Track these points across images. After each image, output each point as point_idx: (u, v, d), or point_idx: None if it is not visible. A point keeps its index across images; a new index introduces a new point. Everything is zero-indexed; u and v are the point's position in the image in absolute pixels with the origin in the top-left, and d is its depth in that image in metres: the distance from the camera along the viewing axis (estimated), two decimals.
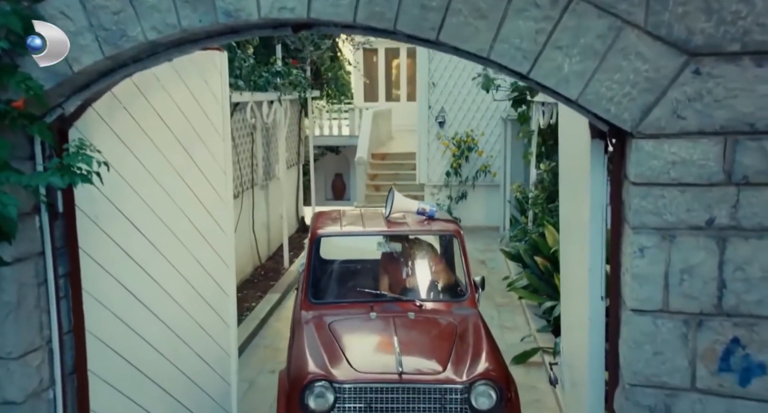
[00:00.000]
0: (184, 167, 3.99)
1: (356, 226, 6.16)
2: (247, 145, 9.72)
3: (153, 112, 3.63)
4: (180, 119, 3.88)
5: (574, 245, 3.18)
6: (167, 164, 3.81)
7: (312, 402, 4.40)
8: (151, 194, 3.69)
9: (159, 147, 3.72)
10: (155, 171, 3.71)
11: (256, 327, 7.86)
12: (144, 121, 3.56)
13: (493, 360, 4.73)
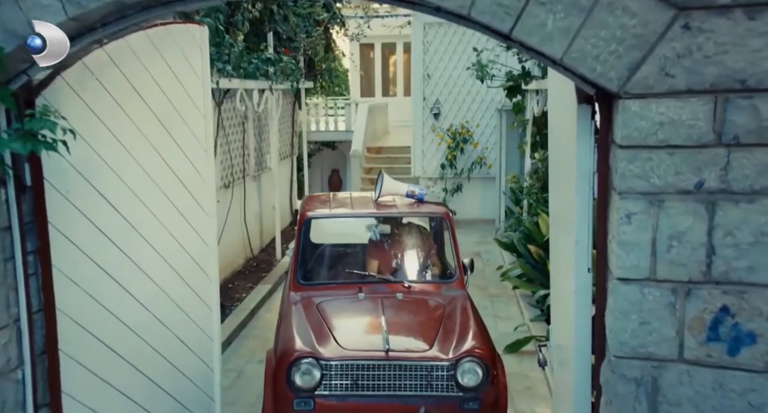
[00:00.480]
0: (163, 144, 3.87)
1: (346, 209, 6.15)
2: (237, 134, 9.61)
3: (128, 85, 3.52)
4: (158, 94, 3.76)
5: (562, 219, 3.07)
6: (144, 140, 3.70)
7: (298, 378, 4.41)
8: (126, 170, 3.58)
9: (135, 122, 3.61)
10: (131, 147, 3.59)
11: (245, 318, 7.75)
12: (118, 94, 3.44)
13: (479, 339, 4.73)
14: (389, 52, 26.51)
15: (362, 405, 4.46)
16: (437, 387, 4.45)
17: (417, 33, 13.02)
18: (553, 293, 3.51)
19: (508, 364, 6.60)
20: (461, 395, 4.45)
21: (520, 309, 8.18)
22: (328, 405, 4.45)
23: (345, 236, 6.76)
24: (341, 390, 4.46)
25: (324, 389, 4.45)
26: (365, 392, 4.45)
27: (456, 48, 12.91)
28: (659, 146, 2.28)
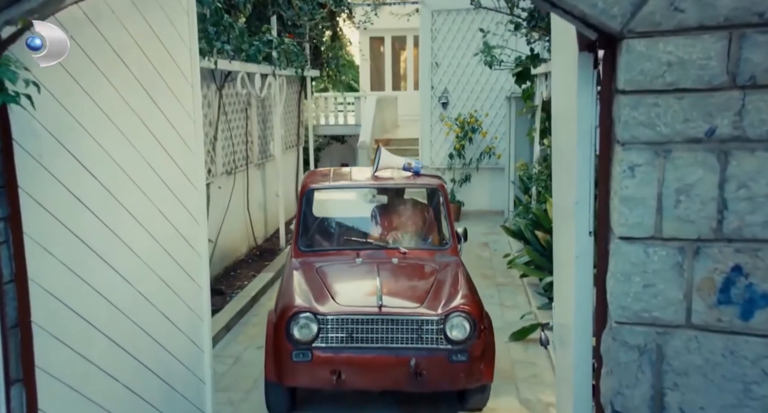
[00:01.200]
0: (147, 111, 3.71)
1: (345, 181, 6.48)
2: (240, 120, 9.45)
3: (107, 46, 3.35)
4: (140, 59, 3.59)
5: (563, 181, 2.86)
6: (125, 105, 3.53)
7: (297, 332, 4.75)
8: (106, 137, 3.41)
9: (115, 86, 3.44)
10: (111, 112, 3.42)
11: (246, 305, 7.59)
12: (96, 55, 3.27)
13: (468, 297, 5.03)
14: (399, 46, 26.32)
15: (356, 357, 4.76)
16: (427, 340, 4.75)
17: (425, 21, 12.81)
18: (556, 266, 3.31)
19: (514, 352, 6.43)
20: (450, 348, 4.75)
21: (527, 298, 7.97)
22: (325, 356, 4.75)
23: (345, 207, 7.19)
24: (337, 342, 4.77)
25: (321, 341, 4.75)
26: (359, 344, 4.76)
27: (465, 36, 12.69)
28: (666, 90, 2.07)
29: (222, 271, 8.81)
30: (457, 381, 4.86)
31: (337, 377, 4.72)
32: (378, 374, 4.79)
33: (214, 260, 8.42)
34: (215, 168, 8.38)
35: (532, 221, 7.84)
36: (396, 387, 4.89)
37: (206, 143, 8.13)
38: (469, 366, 4.78)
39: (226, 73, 8.29)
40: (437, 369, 4.75)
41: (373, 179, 6.28)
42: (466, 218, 12.83)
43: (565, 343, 3.19)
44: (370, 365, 4.77)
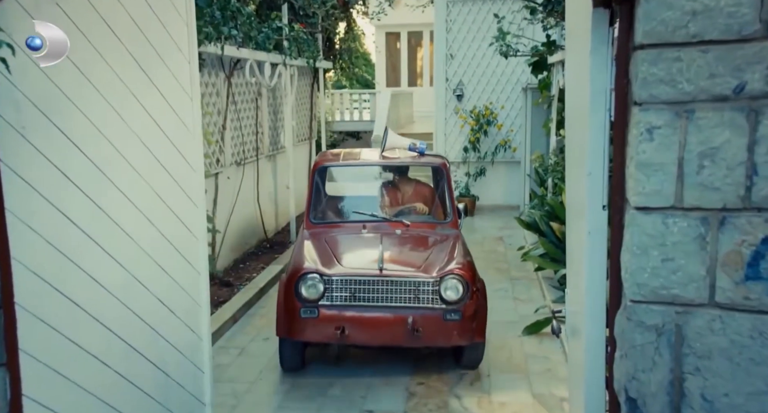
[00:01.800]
0: (141, 87, 3.54)
1: (354, 160, 7.07)
2: (250, 111, 9.31)
3: (96, 16, 3.19)
4: (132, 29, 3.43)
5: (575, 151, 2.66)
6: (117, 80, 3.37)
7: (304, 291, 5.25)
8: (96, 112, 3.25)
9: (106, 59, 3.28)
10: (101, 86, 3.26)
11: (253, 297, 7.45)
12: (82, 22, 3.11)
13: (462, 263, 5.54)
14: (416, 41, 26.13)
15: (359, 314, 5.26)
16: (423, 300, 5.26)
17: (440, 11, 12.60)
18: (569, 246, 3.11)
19: (528, 347, 6.23)
20: (444, 307, 5.27)
21: (541, 291, 7.75)
22: (330, 313, 5.25)
23: (354, 184, 7.89)
24: (341, 301, 5.26)
25: (326, 300, 5.26)
26: (362, 303, 5.25)
27: (480, 26, 12.47)
28: (690, 43, 1.87)
29: (231, 263, 8.68)
30: (450, 337, 5.34)
31: (341, 332, 5.20)
32: (378, 330, 5.27)
33: (223, 252, 8.29)
34: (224, 158, 8.25)
35: (547, 212, 7.62)
36: (394, 342, 5.36)
37: (215, 132, 8.00)
38: (461, 325, 5.28)
39: (234, 61, 8.15)
40: (432, 327, 5.24)
41: (380, 159, 6.83)
42: (481, 213, 12.63)
43: (577, 331, 2.99)
44: (371, 322, 5.25)
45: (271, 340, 6.40)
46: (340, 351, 5.98)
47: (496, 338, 6.44)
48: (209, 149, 7.74)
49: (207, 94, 7.69)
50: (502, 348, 6.24)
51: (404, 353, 6.04)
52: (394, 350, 5.89)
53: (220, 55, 7.70)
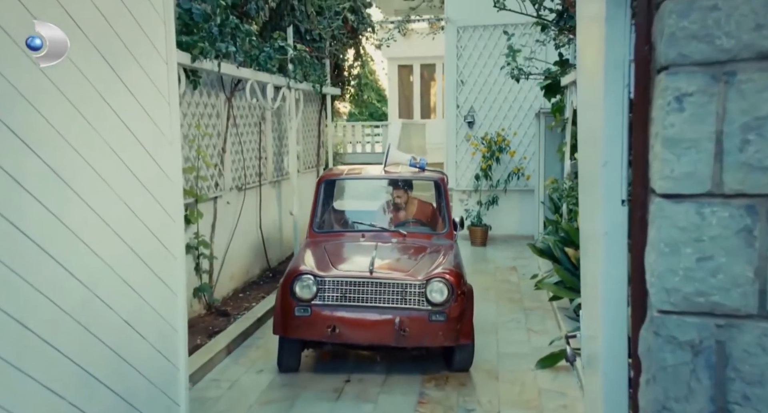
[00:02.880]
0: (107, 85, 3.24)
1: (357, 174, 7.49)
2: (253, 135, 9.02)
3: (56, 4, 2.89)
4: (98, 21, 3.13)
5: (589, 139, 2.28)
6: (79, 75, 3.06)
7: (299, 290, 5.57)
8: (54, 111, 2.94)
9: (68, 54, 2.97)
10: (60, 82, 2.95)
11: (251, 326, 7.04)
12: (36, 7, 2.81)
13: (450, 267, 5.78)
14: (428, 74, 26.02)
15: (349, 314, 5.52)
16: (410, 301, 5.52)
17: (450, 37, 12.38)
18: (583, 258, 2.71)
19: (542, 381, 5.78)
20: (430, 309, 5.49)
21: (557, 322, 7.29)
22: (322, 312, 5.53)
23: (356, 197, 8.31)
24: (333, 301, 5.55)
25: (319, 300, 5.56)
26: (352, 303, 5.53)
27: (492, 52, 12.22)
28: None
29: (231, 292, 8.30)
30: (435, 338, 5.53)
31: (332, 330, 5.47)
32: (367, 329, 5.51)
33: (222, 280, 7.93)
34: (223, 182, 7.94)
35: (562, 238, 7.20)
36: (382, 341, 5.56)
37: (214, 155, 7.70)
38: (446, 326, 5.49)
39: (235, 81, 7.89)
40: (418, 327, 5.46)
41: (382, 174, 7.16)
42: (494, 243, 12.21)
43: (593, 359, 2.58)
44: (360, 321, 5.50)
45: (265, 372, 6.00)
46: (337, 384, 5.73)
47: (508, 371, 5.99)
48: (207, 171, 7.44)
49: (206, 114, 7.41)
50: (513, 382, 5.78)
51: (407, 382, 5.63)
52: (396, 381, 5.74)
53: (220, 75, 7.45)
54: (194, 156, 6.99)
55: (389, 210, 7.17)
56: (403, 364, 6.14)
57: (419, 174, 7.12)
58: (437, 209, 7.18)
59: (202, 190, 7.28)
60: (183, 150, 6.85)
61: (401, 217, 7.02)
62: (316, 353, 6.30)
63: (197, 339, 6.51)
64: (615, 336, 2.00)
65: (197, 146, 6.99)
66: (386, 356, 6.20)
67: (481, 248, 11.99)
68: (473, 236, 12.10)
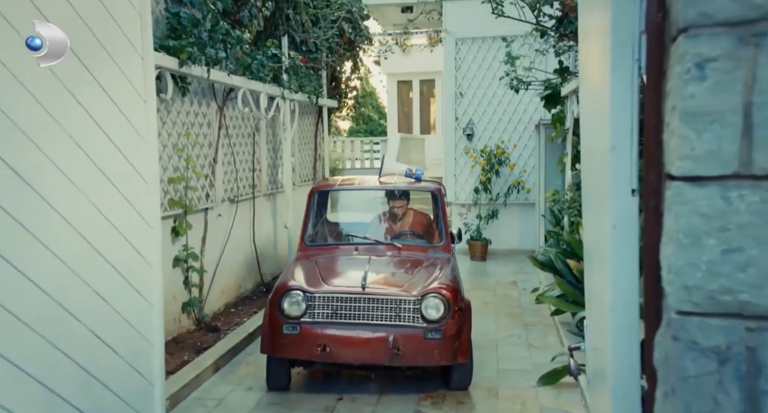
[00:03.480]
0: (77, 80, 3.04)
1: (350, 185, 7.29)
2: (246, 146, 8.82)
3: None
4: (65, 9, 2.93)
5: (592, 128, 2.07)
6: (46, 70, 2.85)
7: (287, 307, 5.28)
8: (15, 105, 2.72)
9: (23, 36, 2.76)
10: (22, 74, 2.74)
11: (241, 342, 6.78)
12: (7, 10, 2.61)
13: (446, 282, 5.50)
14: (428, 90, 25.93)
15: (340, 331, 5.23)
16: (405, 318, 5.23)
17: (449, 49, 12.23)
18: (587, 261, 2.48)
19: (544, 399, 5.52)
20: (425, 326, 5.20)
21: (559, 338, 7.04)
22: (312, 330, 5.24)
23: (349, 209, 8.05)
24: (323, 318, 5.26)
25: (309, 317, 5.26)
26: (343, 320, 5.24)
27: (491, 64, 12.05)
28: None
29: (222, 307, 8.05)
30: (431, 357, 5.24)
31: (322, 349, 5.18)
32: (359, 348, 5.22)
33: (213, 295, 7.69)
34: (215, 193, 7.72)
35: (563, 250, 6.96)
36: (375, 360, 5.27)
37: (205, 165, 7.50)
38: (443, 344, 5.20)
39: (227, 90, 7.70)
40: (413, 346, 5.18)
41: (377, 184, 6.93)
42: (494, 258, 11.96)
43: (600, 373, 2.34)
44: (351, 339, 5.21)
45: (254, 390, 5.73)
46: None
47: (508, 388, 5.73)
48: (198, 182, 7.22)
49: (197, 124, 7.21)
50: (514, 399, 5.52)
51: (402, 400, 5.36)
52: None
53: (211, 83, 7.26)
54: (184, 166, 6.77)
55: (384, 222, 6.94)
56: (398, 382, 5.88)
57: (415, 185, 6.88)
58: (434, 220, 6.94)
59: (192, 201, 7.06)
60: (172, 160, 6.66)
61: (396, 229, 6.79)
62: (307, 370, 6.03)
63: (184, 356, 6.25)
64: (625, 344, 1.76)
65: (187, 155, 6.78)
66: (381, 373, 5.95)
67: (481, 262, 11.74)
68: (473, 250, 11.85)
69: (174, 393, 5.37)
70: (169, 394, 5.31)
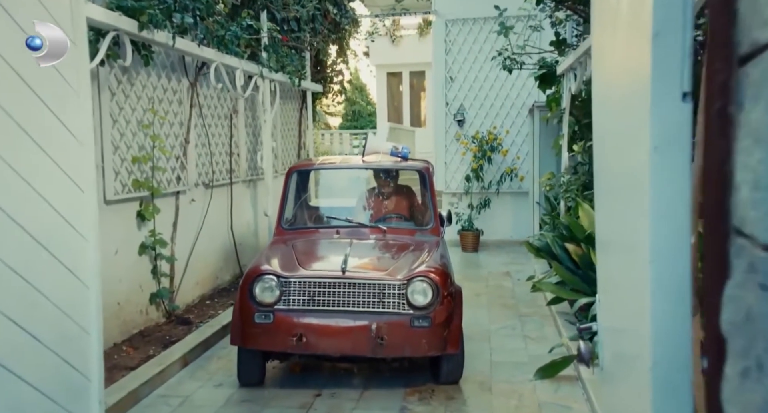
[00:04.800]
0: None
1: (331, 164, 6.93)
2: (224, 128, 8.28)
3: None
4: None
5: (626, 22, 1.56)
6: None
7: (259, 293, 4.81)
8: None
9: None
10: None
11: (213, 335, 6.26)
12: None
13: (435, 266, 5.05)
14: (418, 82, 25.42)
15: (318, 320, 4.77)
16: (389, 304, 4.77)
17: (438, 31, 11.73)
18: (602, 214, 1.99)
19: (542, 393, 5.03)
20: (412, 313, 4.76)
21: (556, 328, 6.56)
22: (286, 318, 4.77)
23: (329, 190, 7.61)
24: (299, 305, 4.80)
25: (283, 304, 4.81)
26: (321, 307, 4.78)
27: (482, 47, 11.55)
28: None
29: (197, 299, 7.53)
30: (418, 347, 4.81)
31: (297, 339, 4.72)
32: (339, 337, 4.79)
33: (186, 286, 7.16)
34: (187, 176, 7.19)
35: (561, 234, 6.48)
36: (357, 351, 4.83)
37: (176, 145, 6.97)
38: (431, 332, 4.78)
39: (199, 64, 7.17)
40: (399, 334, 4.76)
41: (360, 164, 6.50)
42: (486, 249, 11.48)
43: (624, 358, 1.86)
44: (330, 328, 4.78)
45: (224, 387, 5.23)
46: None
47: (503, 382, 5.24)
48: (168, 163, 6.69)
49: (166, 100, 6.68)
50: (509, 394, 5.03)
51: (387, 396, 4.88)
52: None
53: (181, 56, 6.74)
54: (150, 144, 6.25)
55: (367, 204, 6.48)
56: (382, 375, 5.38)
57: (402, 164, 6.41)
58: (422, 202, 6.48)
59: (161, 183, 6.53)
60: (136, 137, 6.14)
61: (381, 211, 6.32)
62: (283, 364, 5.52)
63: (150, 350, 5.74)
64: (671, 306, 1.26)
65: (153, 132, 6.25)
66: (363, 366, 5.45)
67: (473, 253, 11.25)
68: (464, 241, 11.37)
69: (134, 389, 4.86)
70: (129, 390, 4.82)
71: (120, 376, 5.07)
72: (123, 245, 5.95)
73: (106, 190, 5.61)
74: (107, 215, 5.66)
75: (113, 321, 5.74)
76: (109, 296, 5.70)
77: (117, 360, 5.45)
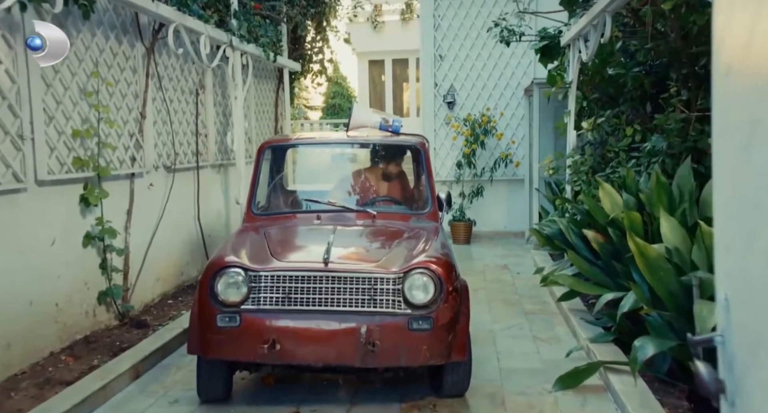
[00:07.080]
0: None
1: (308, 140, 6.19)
2: (189, 105, 7.33)
3: None
4: None
5: None
6: None
7: (222, 290, 3.98)
8: None
9: None
10: None
11: (172, 341, 5.33)
12: None
13: (436, 255, 4.22)
14: (401, 71, 24.55)
15: (295, 322, 3.94)
16: (382, 303, 3.96)
17: (426, 5, 10.85)
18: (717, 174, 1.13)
19: (566, 406, 4.18)
20: (409, 313, 3.95)
21: (569, 328, 5.72)
22: (256, 321, 3.95)
23: (309, 170, 6.79)
24: (272, 304, 3.97)
25: (252, 303, 3.98)
26: (299, 306, 3.95)
27: (474, 22, 10.71)
28: None
29: (157, 298, 6.60)
30: (418, 354, 3.94)
31: (270, 347, 3.87)
32: (321, 344, 3.93)
33: (143, 283, 6.24)
34: (144, 156, 6.24)
35: (575, 220, 5.63)
36: (342, 360, 3.94)
37: (129, 120, 6.02)
38: (432, 336, 3.94)
39: (156, 26, 6.23)
40: (394, 339, 3.91)
41: (344, 139, 5.89)
42: (479, 241, 10.65)
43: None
44: (311, 332, 3.92)
45: (181, 403, 4.33)
46: None
47: (517, 394, 4.39)
48: (119, 140, 5.75)
49: (116, 65, 5.70)
50: (527, 409, 4.17)
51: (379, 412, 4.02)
52: None
53: (134, 15, 5.80)
54: (95, 116, 5.31)
55: (354, 185, 5.68)
56: (373, 388, 4.50)
57: (393, 139, 5.56)
58: (417, 182, 5.65)
59: (111, 163, 5.59)
60: (78, 107, 5.20)
61: (370, 194, 5.55)
62: (254, 375, 4.62)
63: (94, 359, 4.81)
64: None
65: (98, 101, 5.31)
66: (351, 378, 4.55)
67: (465, 246, 10.41)
68: (455, 232, 10.53)
69: (68, 410, 3.94)
70: (62, 411, 3.90)
71: (52, 394, 4.15)
72: (63, 234, 5.01)
73: (37, 168, 4.67)
74: (40, 198, 4.74)
75: (49, 326, 4.82)
76: (44, 295, 4.78)
77: (51, 372, 4.52)
